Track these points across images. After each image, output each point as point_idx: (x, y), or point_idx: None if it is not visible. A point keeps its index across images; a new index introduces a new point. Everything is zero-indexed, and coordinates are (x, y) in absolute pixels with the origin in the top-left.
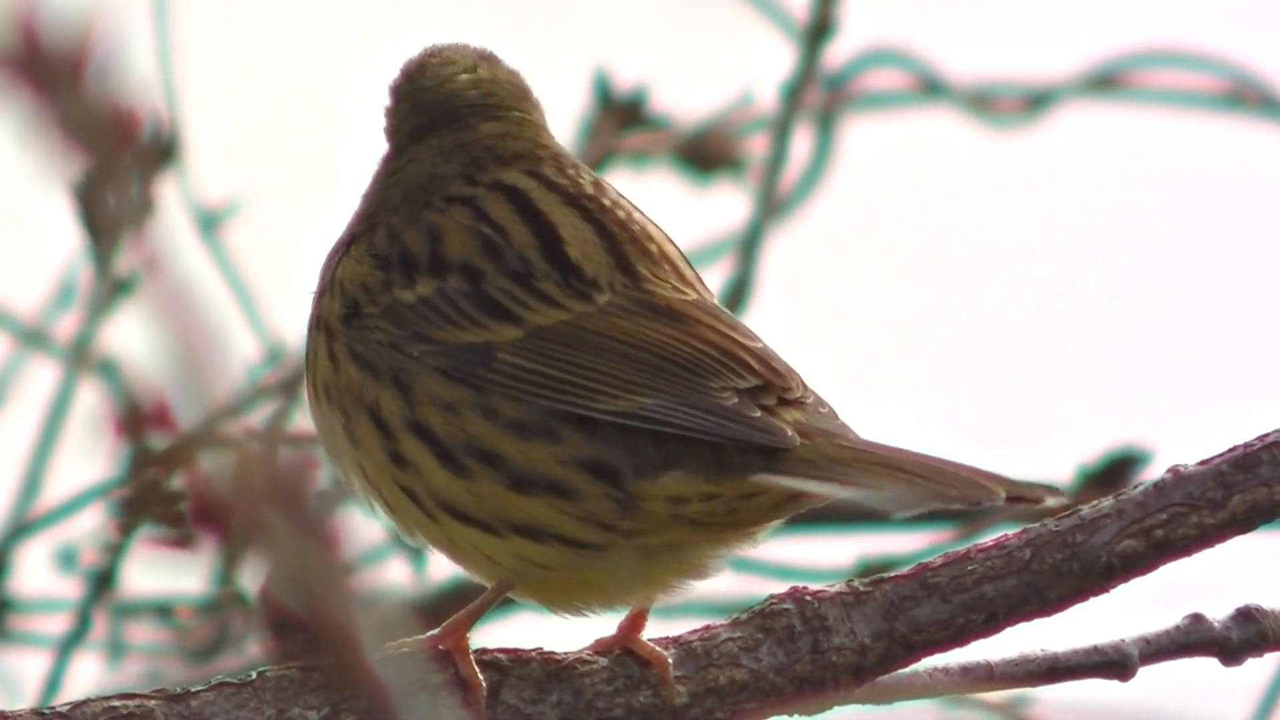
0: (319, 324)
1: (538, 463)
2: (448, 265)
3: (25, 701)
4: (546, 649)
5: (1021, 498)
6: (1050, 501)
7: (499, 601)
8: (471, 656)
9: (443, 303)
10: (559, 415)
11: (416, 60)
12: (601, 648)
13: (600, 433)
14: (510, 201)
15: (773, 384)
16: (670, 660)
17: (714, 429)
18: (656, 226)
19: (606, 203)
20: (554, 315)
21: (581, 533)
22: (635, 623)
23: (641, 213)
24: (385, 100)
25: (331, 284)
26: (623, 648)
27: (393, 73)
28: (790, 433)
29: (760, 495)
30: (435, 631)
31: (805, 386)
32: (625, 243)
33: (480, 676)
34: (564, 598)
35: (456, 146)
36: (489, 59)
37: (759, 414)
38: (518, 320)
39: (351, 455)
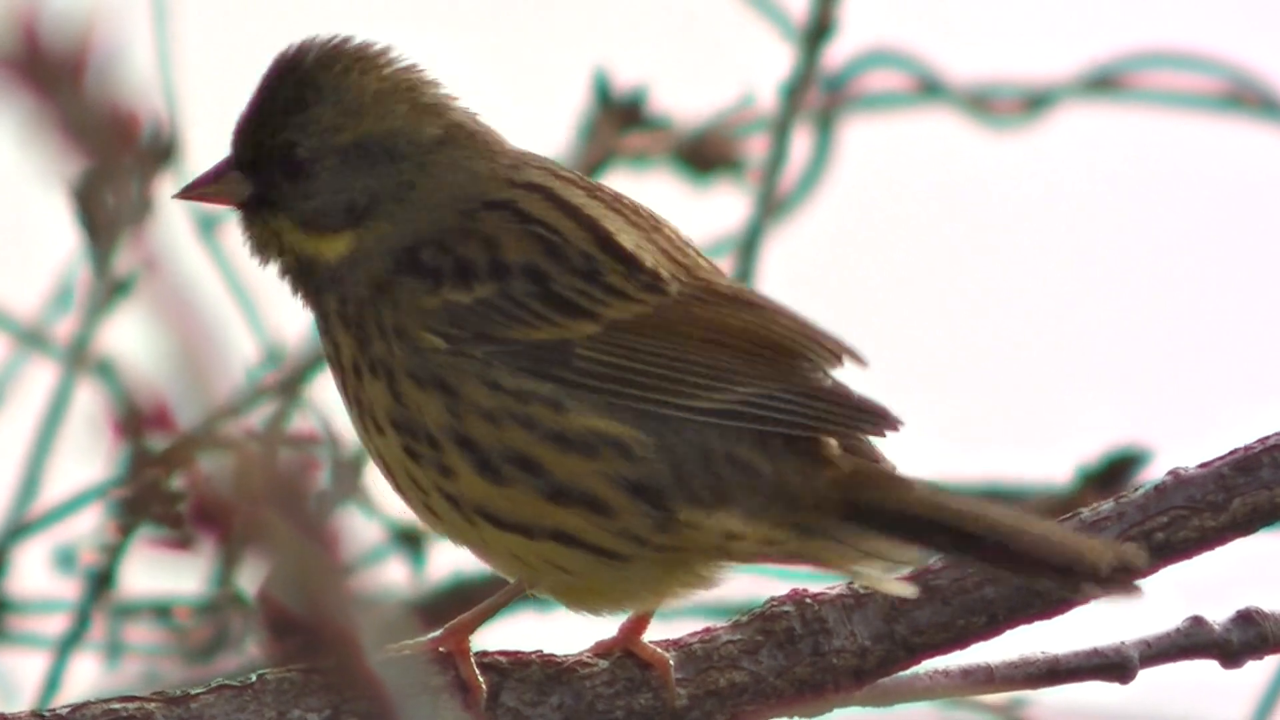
0: (375, 369)
1: (577, 475)
2: (508, 269)
3: (24, 703)
4: (546, 651)
5: (1116, 588)
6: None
7: (505, 607)
8: (472, 659)
9: (506, 302)
10: (598, 432)
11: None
12: (602, 650)
13: (638, 453)
14: (547, 199)
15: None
16: (671, 662)
17: (818, 417)
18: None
19: (608, 195)
20: (631, 309)
21: (613, 544)
22: (638, 625)
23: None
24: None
25: (383, 330)
26: (624, 650)
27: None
28: (889, 408)
29: (836, 547)
30: (437, 633)
31: None
32: (651, 231)
33: (481, 679)
34: (580, 600)
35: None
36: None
37: (857, 394)
38: (593, 315)
39: (406, 471)
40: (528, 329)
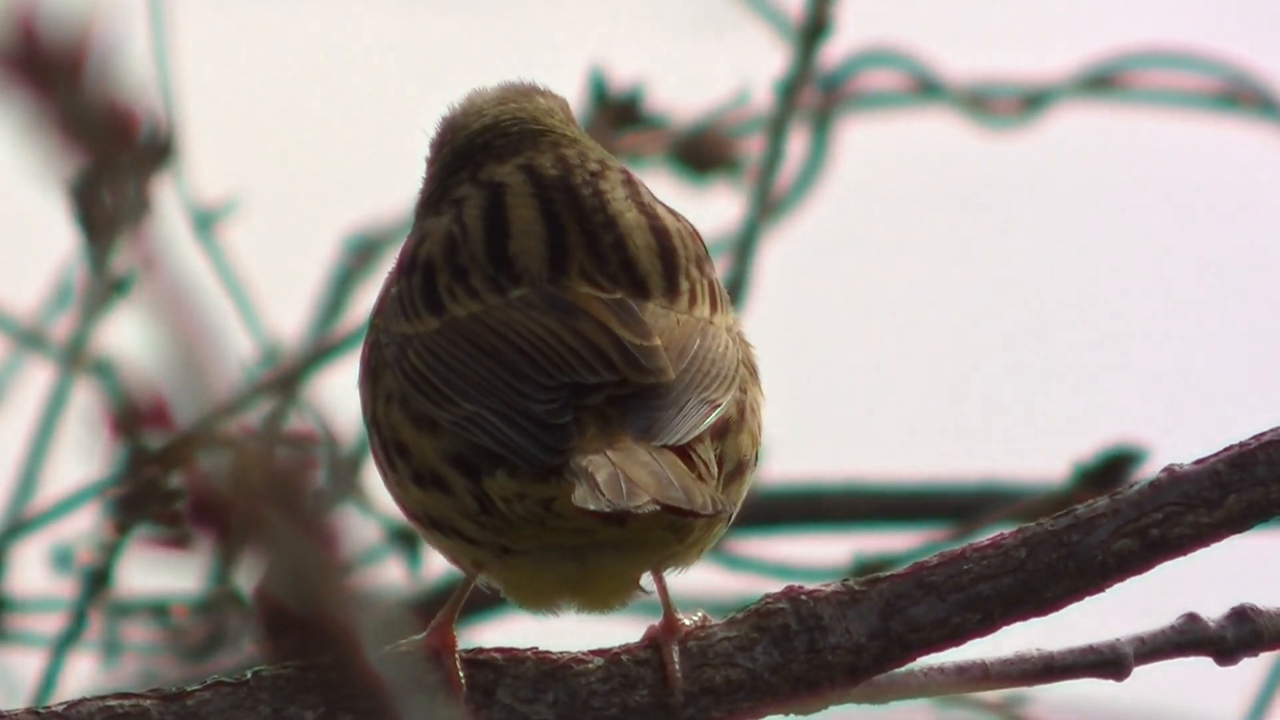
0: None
1: (425, 455)
2: (417, 264)
3: (21, 701)
4: (542, 648)
5: None
6: None
7: (469, 592)
8: (457, 654)
9: (405, 296)
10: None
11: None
12: (634, 647)
13: (447, 431)
14: (486, 199)
15: (629, 379)
16: (678, 663)
17: (507, 443)
18: (667, 221)
19: (586, 191)
20: (469, 307)
21: (471, 530)
22: (667, 627)
23: (655, 206)
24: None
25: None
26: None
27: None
28: (586, 462)
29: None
30: (425, 633)
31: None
32: (572, 234)
33: (461, 674)
34: (513, 595)
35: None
36: (522, 93)
37: (568, 419)
38: (441, 312)
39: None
40: (404, 322)
